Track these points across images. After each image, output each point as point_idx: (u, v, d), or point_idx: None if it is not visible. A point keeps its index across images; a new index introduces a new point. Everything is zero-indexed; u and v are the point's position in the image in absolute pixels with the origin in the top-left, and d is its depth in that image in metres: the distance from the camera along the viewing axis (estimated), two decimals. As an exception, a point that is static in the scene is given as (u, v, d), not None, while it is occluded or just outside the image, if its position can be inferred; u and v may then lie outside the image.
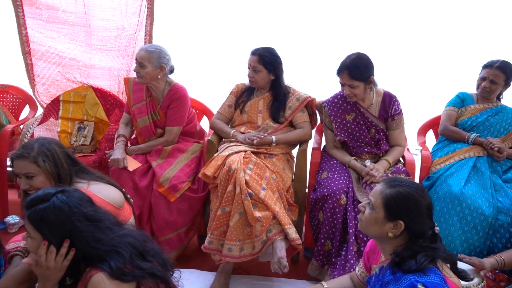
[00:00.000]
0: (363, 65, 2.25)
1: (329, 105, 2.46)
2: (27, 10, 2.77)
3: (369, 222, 1.44)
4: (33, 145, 1.67)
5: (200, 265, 2.39)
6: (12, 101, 3.02)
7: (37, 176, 1.65)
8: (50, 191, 1.36)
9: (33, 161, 1.63)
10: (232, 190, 2.12)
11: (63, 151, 1.72)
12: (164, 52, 2.46)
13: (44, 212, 1.31)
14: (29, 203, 1.34)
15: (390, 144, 2.43)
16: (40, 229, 1.31)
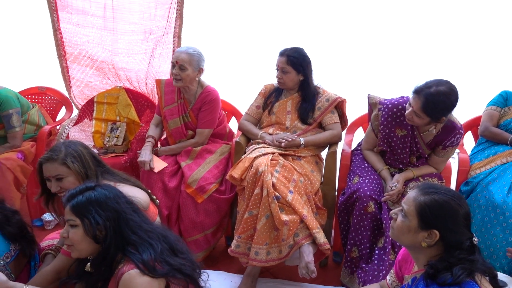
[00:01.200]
0: (441, 105, 1.94)
1: (385, 111, 2.18)
2: (61, 15, 2.86)
3: (401, 230, 1.37)
4: (60, 147, 1.72)
5: (227, 267, 2.39)
6: (49, 103, 3.14)
7: (67, 177, 1.69)
8: (91, 184, 1.45)
9: (62, 163, 1.68)
10: (259, 193, 2.10)
11: (89, 152, 1.77)
12: (202, 54, 2.48)
13: (91, 198, 1.40)
14: (71, 195, 1.42)
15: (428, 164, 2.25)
16: (86, 214, 1.37)
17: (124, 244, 1.38)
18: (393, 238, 1.44)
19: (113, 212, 1.39)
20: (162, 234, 1.45)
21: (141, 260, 1.32)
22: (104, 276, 1.41)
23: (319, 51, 2.68)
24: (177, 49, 2.51)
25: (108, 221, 1.38)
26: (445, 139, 2.12)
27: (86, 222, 1.37)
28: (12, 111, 2.54)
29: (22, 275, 1.78)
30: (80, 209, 1.38)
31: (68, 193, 1.43)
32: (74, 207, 1.39)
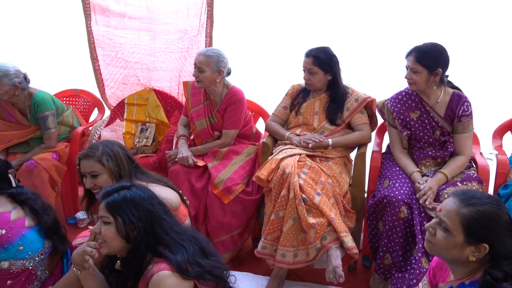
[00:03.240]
0: (435, 54, 2.07)
1: (392, 102, 2.28)
2: (98, 19, 2.95)
3: (444, 247, 1.27)
4: (98, 146, 1.78)
5: (253, 268, 2.38)
6: (83, 105, 3.25)
7: (101, 175, 1.75)
8: (126, 183, 1.48)
9: (98, 160, 1.74)
10: (286, 195, 2.07)
11: (124, 152, 1.81)
12: (222, 55, 2.47)
13: (127, 197, 1.42)
14: (108, 192, 1.45)
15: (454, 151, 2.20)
16: (120, 213, 1.39)
17: (155, 245, 1.39)
18: (432, 253, 1.35)
19: (146, 213, 1.41)
20: (192, 236, 1.46)
21: (175, 261, 1.33)
22: (133, 275, 1.43)
23: (347, 50, 2.63)
24: (199, 51, 2.53)
25: (140, 221, 1.39)
26: (456, 108, 2.15)
27: (119, 221, 1.40)
28: (48, 113, 2.63)
29: (56, 272, 1.84)
30: (115, 207, 1.41)
31: (104, 190, 1.46)
32: (109, 204, 1.42)
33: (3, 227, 1.63)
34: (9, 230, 1.64)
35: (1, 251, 1.63)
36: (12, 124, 2.69)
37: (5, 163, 1.75)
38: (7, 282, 1.67)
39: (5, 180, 1.71)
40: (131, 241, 1.42)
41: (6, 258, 1.65)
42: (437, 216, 1.31)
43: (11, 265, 1.66)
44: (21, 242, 1.67)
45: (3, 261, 1.64)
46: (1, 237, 1.62)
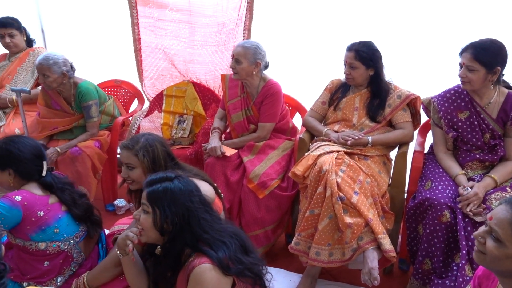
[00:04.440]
0: (494, 51, 1.93)
1: (439, 99, 2.16)
2: (140, 10, 3.00)
3: (495, 258, 1.17)
4: (140, 139, 1.80)
5: (286, 264, 2.36)
6: (124, 95, 3.33)
7: (136, 168, 1.77)
8: (171, 174, 1.47)
9: (135, 154, 1.76)
10: (322, 192, 2.03)
11: (164, 149, 1.81)
12: (259, 48, 2.46)
13: (167, 190, 1.40)
14: (150, 182, 1.45)
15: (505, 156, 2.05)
16: (159, 205, 1.39)
17: (193, 241, 1.38)
18: (482, 264, 1.25)
19: (183, 210, 1.39)
20: (234, 232, 1.45)
21: (216, 257, 1.33)
22: (172, 267, 1.44)
23: (390, 45, 2.52)
24: (238, 43, 2.52)
25: (176, 217, 1.38)
26: (510, 110, 2.01)
27: (157, 213, 1.40)
28: (92, 103, 2.72)
29: (93, 255, 1.91)
30: (155, 198, 1.41)
31: (149, 178, 1.47)
32: (150, 194, 1.42)
33: (42, 209, 1.71)
34: (47, 212, 1.72)
35: (39, 233, 1.70)
36: (57, 112, 2.80)
37: (42, 151, 1.81)
38: (44, 263, 1.75)
39: (39, 166, 1.76)
40: (166, 235, 1.42)
41: (43, 239, 1.72)
42: (487, 224, 1.22)
43: (48, 246, 1.73)
44: (57, 224, 1.74)
45: (40, 242, 1.72)
46: (40, 219, 1.69)
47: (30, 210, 1.67)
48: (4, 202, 1.64)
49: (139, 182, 1.78)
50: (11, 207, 1.64)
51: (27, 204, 1.67)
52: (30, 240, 1.71)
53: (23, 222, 1.67)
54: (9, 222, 1.65)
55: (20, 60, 3.04)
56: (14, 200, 1.65)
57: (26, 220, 1.67)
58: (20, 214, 1.65)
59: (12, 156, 1.72)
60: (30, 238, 1.71)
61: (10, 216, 1.63)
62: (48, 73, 2.57)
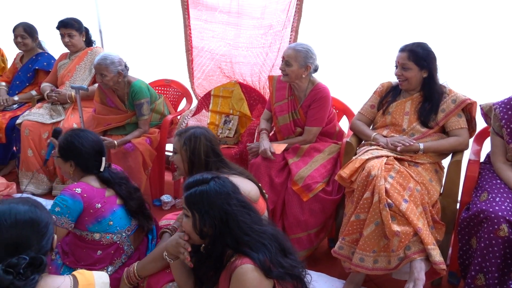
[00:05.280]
0: None
1: (502, 107, 2.03)
2: (191, 12, 3.08)
3: None
4: (190, 129, 1.89)
5: (328, 269, 2.32)
6: (173, 94, 3.44)
7: (177, 154, 1.87)
8: (208, 176, 1.47)
9: (180, 140, 1.85)
10: (369, 197, 1.98)
11: (208, 144, 1.85)
12: (311, 51, 2.44)
13: (203, 194, 1.40)
14: (188, 185, 1.46)
15: None
16: (198, 209, 1.40)
17: (234, 243, 1.38)
18: None
19: (221, 213, 1.39)
20: (273, 234, 1.44)
21: (258, 259, 1.32)
22: (214, 267, 1.45)
23: (444, 47, 2.41)
24: (289, 45, 2.51)
25: (215, 220, 1.38)
26: None
27: (196, 217, 1.41)
28: (144, 101, 2.83)
29: (141, 247, 1.98)
30: (192, 202, 1.42)
31: (186, 182, 1.49)
32: (187, 198, 1.43)
33: (99, 201, 1.79)
34: (103, 204, 1.80)
35: (95, 224, 1.79)
36: (111, 109, 2.93)
37: (102, 147, 1.90)
38: (97, 252, 1.84)
39: (98, 161, 1.85)
40: (206, 237, 1.43)
41: (98, 230, 1.81)
42: None
43: (102, 237, 1.82)
44: (112, 217, 1.83)
45: (95, 233, 1.81)
46: (97, 211, 1.78)
47: (89, 202, 1.76)
48: (66, 196, 1.74)
49: (180, 169, 1.89)
50: (74, 200, 1.73)
51: (87, 196, 1.76)
52: (87, 231, 1.81)
53: (82, 213, 1.76)
54: (74, 214, 1.75)
55: (79, 59, 3.22)
56: (75, 193, 1.75)
57: (85, 212, 1.77)
58: (82, 206, 1.75)
59: (74, 150, 1.82)
60: (87, 229, 1.80)
61: (74, 208, 1.73)
62: (105, 72, 2.71)
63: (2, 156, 3.36)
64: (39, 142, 3.06)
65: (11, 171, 3.42)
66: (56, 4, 3.72)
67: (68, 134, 1.87)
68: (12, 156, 3.40)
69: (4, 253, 1.09)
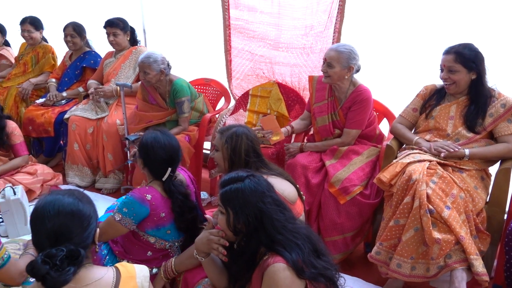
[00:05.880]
0: None
1: None
2: (232, 12, 3.12)
3: None
4: (232, 128, 1.90)
5: (364, 274, 2.28)
6: (212, 93, 3.49)
7: (218, 151, 1.89)
8: (243, 174, 1.47)
9: (221, 138, 1.87)
10: (409, 202, 1.93)
11: (249, 144, 1.86)
12: (353, 52, 2.40)
13: (238, 191, 1.41)
14: (223, 183, 1.48)
15: None
16: (232, 206, 1.41)
17: (268, 241, 1.38)
18: None
19: (256, 210, 1.39)
20: (306, 235, 1.43)
21: (290, 258, 1.32)
22: (247, 264, 1.45)
23: (491, 48, 2.30)
24: (331, 46, 2.48)
25: (249, 218, 1.39)
26: None
27: (230, 214, 1.41)
28: (184, 99, 2.90)
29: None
30: (227, 199, 1.42)
31: (222, 179, 1.51)
32: (223, 195, 1.44)
33: (164, 211, 1.83)
34: (167, 214, 1.84)
35: (154, 230, 1.84)
36: (153, 106, 3.02)
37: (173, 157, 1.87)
38: (147, 252, 1.89)
39: (164, 170, 1.84)
40: (240, 234, 1.44)
41: (155, 235, 1.85)
42: None
43: (156, 241, 1.87)
44: (171, 227, 1.87)
45: (151, 237, 1.85)
46: (160, 219, 1.83)
47: (155, 209, 1.80)
48: (136, 199, 1.77)
49: (220, 166, 1.91)
50: (142, 205, 1.77)
51: (155, 204, 1.80)
52: (144, 232, 1.85)
53: (146, 218, 1.81)
54: (139, 218, 1.79)
55: (124, 57, 3.35)
56: (145, 198, 1.78)
57: (150, 217, 1.81)
58: (148, 212, 1.79)
59: (146, 150, 1.85)
60: (145, 231, 1.85)
61: (140, 212, 1.78)
62: (148, 71, 2.79)
63: (50, 149, 3.54)
64: (84, 137, 3.21)
65: (58, 163, 3.61)
66: (104, 4, 3.89)
67: (151, 132, 1.90)
68: (59, 149, 3.58)
69: (47, 242, 1.14)
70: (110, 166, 3.17)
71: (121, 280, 1.25)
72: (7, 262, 1.54)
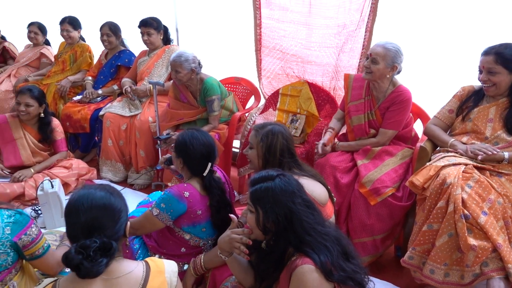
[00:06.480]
0: None
1: None
2: (263, 12, 3.13)
3: None
4: (267, 125, 1.89)
5: (394, 278, 2.24)
6: (242, 92, 3.51)
7: (253, 149, 1.89)
8: (273, 173, 1.47)
9: (257, 136, 1.87)
10: (443, 207, 1.88)
11: (285, 144, 1.85)
12: (400, 51, 2.33)
13: (268, 190, 1.41)
14: (254, 181, 1.47)
15: None
16: (262, 205, 1.41)
17: (296, 242, 1.37)
18: None
19: (285, 210, 1.38)
20: (335, 237, 1.41)
21: (319, 260, 1.31)
22: (275, 264, 1.45)
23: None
24: (377, 42, 2.41)
25: (278, 217, 1.38)
26: None
27: (260, 213, 1.41)
28: (215, 97, 2.93)
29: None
30: (257, 198, 1.42)
31: (252, 178, 1.50)
32: (252, 194, 1.44)
33: (201, 208, 1.87)
34: (204, 212, 1.88)
35: (190, 226, 1.88)
36: (184, 104, 3.07)
37: (211, 152, 1.91)
38: (181, 248, 1.93)
39: (204, 165, 1.89)
40: (269, 234, 1.43)
41: (190, 232, 1.89)
42: None
43: (191, 238, 1.91)
44: (206, 225, 1.90)
45: (187, 233, 1.89)
46: (196, 217, 1.86)
47: (192, 207, 1.84)
48: (174, 196, 1.81)
49: (253, 164, 1.90)
50: (179, 201, 1.82)
51: (192, 201, 1.84)
52: (180, 229, 1.89)
53: (183, 215, 1.85)
54: (176, 214, 1.84)
55: (157, 56, 3.42)
56: (183, 195, 1.82)
57: (186, 214, 1.85)
58: (185, 209, 1.83)
59: (185, 148, 1.89)
60: (181, 227, 1.89)
61: (177, 209, 1.82)
62: (180, 69, 2.84)
63: (85, 144, 3.68)
64: (118, 133, 3.30)
65: (93, 158, 3.73)
66: (138, 4, 3.99)
67: (185, 131, 1.95)
68: (94, 145, 3.71)
69: (80, 234, 1.19)
70: (142, 163, 3.25)
71: (151, 274, 1.29)
72: (46, 252, 1.61)
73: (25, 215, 1.56)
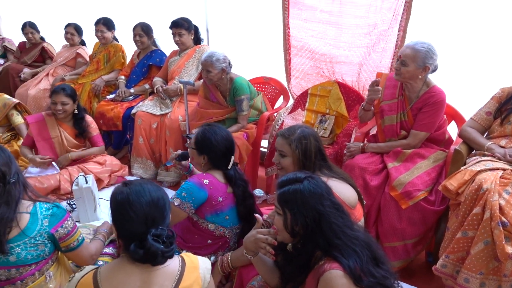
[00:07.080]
0: None
1: None
2: (291, 12, 3.11)
3: None
4: (296, 130, 1.84)
5: (425, 284, 2.18)
6: (271, 92, 3.51)
7: (287, 157, 1.83)
8: (301, 175, 1.44)
9: (289, 143, 1.82)
10: (479, 213, 1.81)
11: (317, 145, 1.82)
12: (431, 51, 2.23)
13: (297, 192, 1.38)
14: (282, 183, 1.45)
15: None
16: (290, 208, 1.38)
17: (325, 245, 1.35)
18: None
19: (314, 213, 1.35)
20: (365, 241, 1.37)
21: (347, 265, 1.28)
22: (301, 267, 1.43)
23: None
24: (407, 43, 2.35)
25: (307, 220, 1.35)
26: None
27: (288, 215, 1.39)
28: (244, 97, 2.95)
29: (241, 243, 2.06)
30: (285, 200, 1.40)
31: (280, 180, 1.48)
32: (280, 196, 1.41)
33: (222, 195, 1.89)
34: (224, 199, 1.90)
35: (213, 215, 1.90)
36: (213, 103, 3.10)
37: (233, 145, 1.97)
38: (207, 241, 1.96)
39: (227, 159, 1.93)
40: (297, 236, 1.41)
41: (214, 222, 1.91)
42: None
43: (216, 228, 1.93)
44: (229, 213, 1.92)
45: (211, 224, 1.92)
46: (218, 204, 1.88)
47: (213, 194, 1.87)
48: (195, 184, 1.85)
49: (288, 171, 1.83)
50: (200, 189, 1.85)
51: (212, 188, 1.87)
52: (204, 219, 1.92)
53: (205, 203, 1.87)
54: (198, 202, 1.86)
55: (188, 56, 3.47)
56: (202, 183, 1.86)
57: (208, 202, 1.87)
58: (206, 196, 1.86)
59: (209, 145, 1.92)
60: (205, 217, 1.91)
61: (199, 196, 1.85)
62: (211, 69, 2.87)
63: (118, 142, 3.78)
64: (149, 131, 3.37)
65: (124, 155, 3.83)
66: (170, 4, 4.06)
67: (205, 129, 1.97)
68: (125, 142, 3.81)
69: (144, 226, 1.25)
70: (172, 160, 3.30)
71: (186, 269, 1.33)
72: (81, 245, 1.67)
73: (62, 209, 1.63)
